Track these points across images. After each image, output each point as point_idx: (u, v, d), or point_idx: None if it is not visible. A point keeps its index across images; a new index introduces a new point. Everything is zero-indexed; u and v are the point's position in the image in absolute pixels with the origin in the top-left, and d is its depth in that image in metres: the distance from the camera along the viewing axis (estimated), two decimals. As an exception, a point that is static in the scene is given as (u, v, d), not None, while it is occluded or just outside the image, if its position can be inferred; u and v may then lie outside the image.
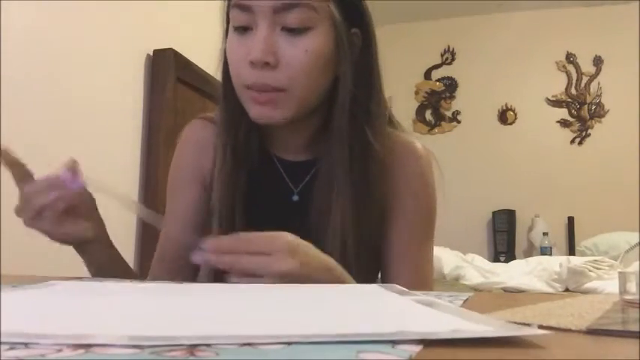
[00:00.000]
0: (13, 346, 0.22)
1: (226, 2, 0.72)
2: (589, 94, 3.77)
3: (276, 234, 0.56)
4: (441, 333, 0.24)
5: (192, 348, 0.22)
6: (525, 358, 0.22)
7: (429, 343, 0.23)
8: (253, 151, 0.75)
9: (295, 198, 0.76)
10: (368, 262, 0.73)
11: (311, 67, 0.66)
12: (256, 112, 0.68)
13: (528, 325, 0.27)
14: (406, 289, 0.46)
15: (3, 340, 0.22)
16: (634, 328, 0.28)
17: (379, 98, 0.74)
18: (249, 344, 0.22)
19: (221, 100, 0.75)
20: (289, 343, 0.22)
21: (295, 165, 0.77)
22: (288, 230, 0.75)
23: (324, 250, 0.65)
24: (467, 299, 0.42)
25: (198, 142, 0.81)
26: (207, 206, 0.78)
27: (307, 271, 0.55)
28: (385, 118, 0.76)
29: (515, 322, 0.28)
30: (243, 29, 0.68)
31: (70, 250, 0.72)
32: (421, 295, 0.40)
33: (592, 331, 0.27)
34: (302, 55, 0.66)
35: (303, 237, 0.72)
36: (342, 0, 0.69)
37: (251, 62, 0.65)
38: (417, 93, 4.06)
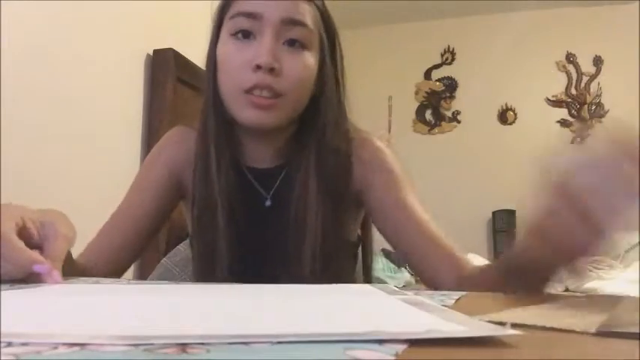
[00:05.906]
0: (10, 343, 0.22)
1: (218, 12, 0.77)
2: (589, 94, 3.77)
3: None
4: (413, 333, 0.24)
5: (185, 345, 0.22)
6: (522, 358, 0.22)
7: (415, 342, 0.23)
8: (228, 161, 0.78)
9: (268, 203, 0.80)
10: (345, 259, 0.81)
11: (305, 81, 0.74)
12: (252, 114, 0.71)
13: (503, 324, 0.27)
14: (397, 289, 0.46)
15: (3, 340, 0.23)
16: (634, 329, 0.28)
17: (344, 111, 0.81)
18: (239, 342, 0.23)
19: (209, 106, 0.77)
20: (279, 342, 0.23)
21: (263, 172, 0.80)
22: (265, 235, 0.77)
23: (303, 249, 0.71)
24: (459, 298, 0.43)
25: (177, 144, 0.84)
26: (171, 204, 0.83)
27: None
28: (348, 125, 0.82)
29: (492, 322, 0.28)
30: (244, 36, 0.72)
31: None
32: (410, 295, 0.40)
33: (593, 332, 0.28)
34: (301, 67, 0.73)
35: (279, 239, 0.75)
36: (328, 31, 0.78)
37: (257, 65, 0.69)
38: (417, 93, 4.06)
